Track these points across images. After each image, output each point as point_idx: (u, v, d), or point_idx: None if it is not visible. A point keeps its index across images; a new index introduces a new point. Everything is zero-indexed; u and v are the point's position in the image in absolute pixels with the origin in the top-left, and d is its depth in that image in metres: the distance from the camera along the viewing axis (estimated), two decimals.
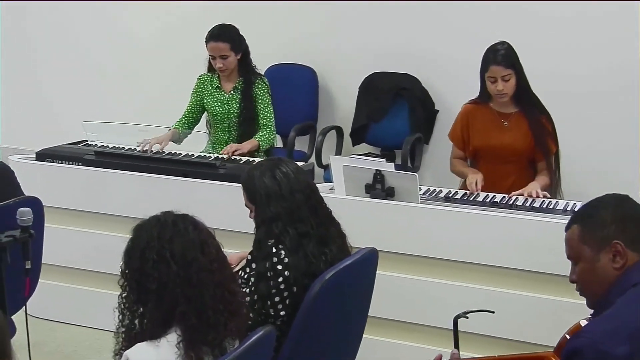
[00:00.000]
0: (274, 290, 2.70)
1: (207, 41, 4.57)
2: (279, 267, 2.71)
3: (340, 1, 5.43)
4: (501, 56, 3.94)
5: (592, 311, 2.30)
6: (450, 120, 4.86)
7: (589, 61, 4.88)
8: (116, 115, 5.20)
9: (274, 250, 2.73)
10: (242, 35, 4.64)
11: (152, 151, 4.32)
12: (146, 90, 6.03)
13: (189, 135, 4.68)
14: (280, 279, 2.71)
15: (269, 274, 2.71)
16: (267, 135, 4.60)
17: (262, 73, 4.79)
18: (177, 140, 4.58)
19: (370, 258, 2.93)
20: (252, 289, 2.72)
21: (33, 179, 3.91)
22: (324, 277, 2.67)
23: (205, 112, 4.75)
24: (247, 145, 4.45)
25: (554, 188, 4.04)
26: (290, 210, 2.76)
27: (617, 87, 4.83)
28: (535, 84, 4.07)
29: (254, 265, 2.75)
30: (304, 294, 2.68)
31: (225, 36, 4.55)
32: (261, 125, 4.62)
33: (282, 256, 2.72)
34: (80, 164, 4.23)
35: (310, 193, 2.84)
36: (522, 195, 3.76)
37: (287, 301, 2.72)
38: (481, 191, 3.82)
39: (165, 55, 5.93)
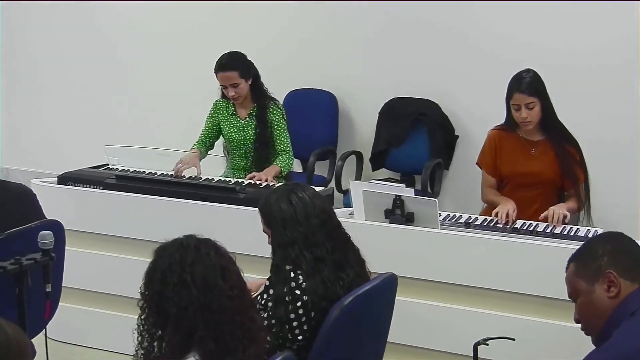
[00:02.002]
0: (292, 315, 2.70)
1: (216, 72, 4.58)
2: (297, 292, 2.71)
3: (360, 27, 5.45)
4: (525, 84, 3.92)
5: None
6: (470, 145, 4.87)
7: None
8: (138, 139, 5.24)
9: (292, 275, 2.74)
10: (250, 61, 4.63)
11: (189, 176, 4.33)
12: (167, 115, 6.07)
13: (205, 159, 4.70)
14: (299, 304, 2.71)
15: (287, 299, 2.71)
16: (287, 161, 4.62)
17: (277, 98, 4.78)
18: (200, 160, 4.60)
19: (389, 283, 2.92)
20: (270, 313, 2.72)
21: (54, 203, 3.94)
22: (343, 303, 2.67)
23: (222, 138, 4.78)
24: (271, 172, 4.44)
25: (584, 215, 4.01)
26: (306, 235, 2.78)
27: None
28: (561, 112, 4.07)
29: (271, 291, 2.76)
30: (322, 318, 2.68)
31: (233, 64, 4.55)
32: (279, 150, 4.63)
33: (300, 281, 2.73)
34: (101, 187, 4.25)
35: (326, 218, 2.84)
36: (547, 216, 3.74)
37: (305, 326, 2.72)
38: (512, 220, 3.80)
39: (183, 80, 5.97)
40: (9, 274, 2.68)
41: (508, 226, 3.74)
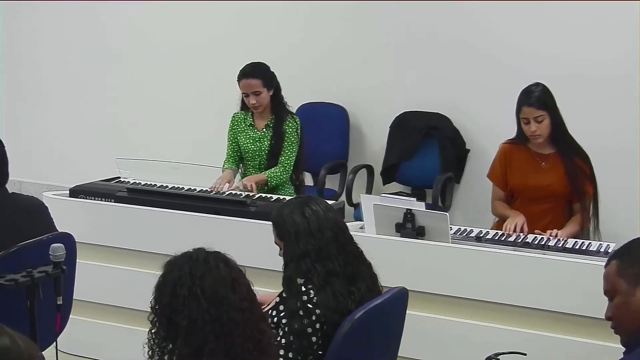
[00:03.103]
0: (310, 330, 2.70)
1: (239, 79, 4.63)
2: (310, 305, 2.71)
3: (371, 41, 5.46)
4: (534, 98, 3.93)
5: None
6: (481, 159, 4.86)
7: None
8: (149, 153, 5.26)
9: (303, 289, 2.73)
10: (273, 72, 4.69)
11: (222, 192, 4.35)
12: (179, 128, 6.09)
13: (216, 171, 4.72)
14: (313, 317, 2.70)
15: (301, 313, 2.71)
16: (279, 173, 4.62)
17: (294, 111, 4.83)
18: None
19: (400, 297, 2.91)
20: (286, 328, 2.71)
21: (66, 215, 3.95)
22: (354, 317, 2.66)
23: None
24: (254, 179, 4.49)
25: (592, 230, 4.00)
26: (319, 248, 2.77)
27: None
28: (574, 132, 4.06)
29: (281, 308, 2.75)
30: (334, 332, 2.67)
31: (257, 73, 4.62)
32: (279, 160, 4.65)
33: (312, 295, 2.72)
34: (112, 200, 4.26)
35: (339, 231, 2.84)
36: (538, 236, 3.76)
37: (320, 340, 2.71)
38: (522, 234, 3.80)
39: (195, 93, 5.99)
40: (21, 286, 2.69)
41: (519, 240, 3.73)
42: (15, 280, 2.68)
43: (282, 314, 2.74)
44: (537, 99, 3.93)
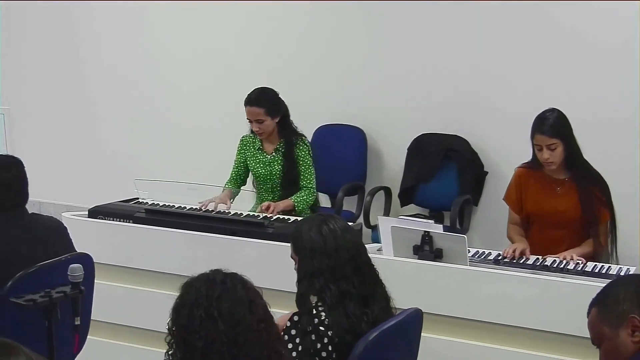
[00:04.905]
0: (323, 353, 2.69)
1: (245, 105, 4.63)
2: (322, 328, 2.70)
3: (389, 63, 5.47)
4: (547, 125, 3.90)
5: None
6: (499, 182, 4.84)
7: None
8: (167, 174, 5.27)
9: (315, 311, 2.73)
10: (280, 99, 4.67)
11: (217, 211, 4.34)
12: (197, 149, 6.11)
13: (238, 195, 4.74)
14: (325, 340, 2.69)
15: (313, 337, 2.70)
16: (305, 197, 4.62)
17: (305, 133, 4.82)
18: (232, 199, 4.64)
19: (414, 318, 2.90)
20: (296, 341, 2.71)
21: (85, 236, 3.96)
22: (368, 338, 2.65)
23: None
24: (280, 205, 4.48)
25: (609, 255, 3.97)
26: (333, 267, 2.77)
27: None
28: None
29: (293, 331, 2.74)
30: (347, 352, 2.66)
31: (261, 101, 4.59)
32: (301, 186, 4.66)
33: (323, 317, 2.72)
34: (130, 221, 4.28)
35: (356, 253, 2.84)
36: (557, 259, 3.74)
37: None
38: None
39: (213, 115, 6.02)
40: (39, 306, 2.70)
41: (538, 263, 3.71)
42: (34, 301, 2.70)
43: (293, 332, 2.73)
44: (550, 126, 3.89)
